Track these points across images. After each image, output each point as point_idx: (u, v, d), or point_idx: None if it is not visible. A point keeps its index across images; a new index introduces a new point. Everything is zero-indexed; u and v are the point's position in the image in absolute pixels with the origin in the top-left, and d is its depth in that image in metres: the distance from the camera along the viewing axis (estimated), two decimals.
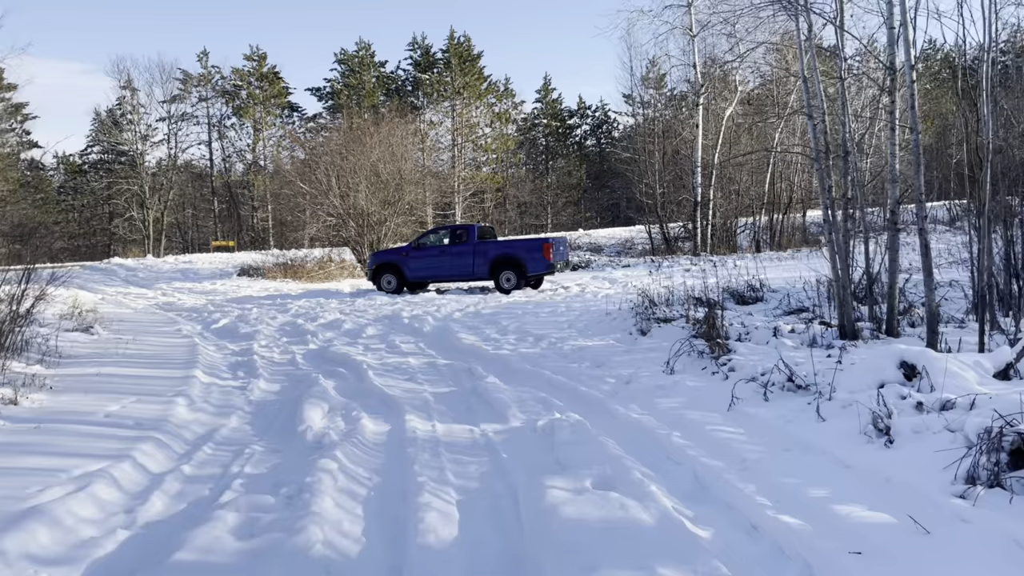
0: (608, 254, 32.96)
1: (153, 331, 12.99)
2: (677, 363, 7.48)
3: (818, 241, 31.06)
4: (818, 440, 4.87)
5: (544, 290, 18.73)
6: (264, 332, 12.72)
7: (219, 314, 15.97)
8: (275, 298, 19.29)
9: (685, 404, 6.23)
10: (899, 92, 7.99)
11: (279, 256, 30.24)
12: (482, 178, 51.48)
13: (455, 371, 8.80)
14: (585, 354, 8.87)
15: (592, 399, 6.84)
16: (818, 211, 43.83)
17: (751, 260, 23.43)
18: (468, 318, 13.20)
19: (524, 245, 18.85)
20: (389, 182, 26.69)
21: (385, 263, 19.59)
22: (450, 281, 19.64)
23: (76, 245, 56.59)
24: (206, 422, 6.64)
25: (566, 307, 13.80)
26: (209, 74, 55.56)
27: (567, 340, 9.92)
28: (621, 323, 10.50)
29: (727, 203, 29.50)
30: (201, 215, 61.45)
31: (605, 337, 9.84)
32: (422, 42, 58.21)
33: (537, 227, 60.53)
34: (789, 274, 15.50)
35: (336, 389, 7.87)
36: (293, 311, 15.85)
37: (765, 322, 9.43)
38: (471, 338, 10.90)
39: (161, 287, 25.41)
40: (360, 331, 12.36)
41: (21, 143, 53.14)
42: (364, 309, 15.59)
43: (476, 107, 54.36)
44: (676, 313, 10.31)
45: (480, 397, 7.31)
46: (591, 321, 11.35)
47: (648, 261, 26.22)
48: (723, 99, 31.81)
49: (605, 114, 69.25)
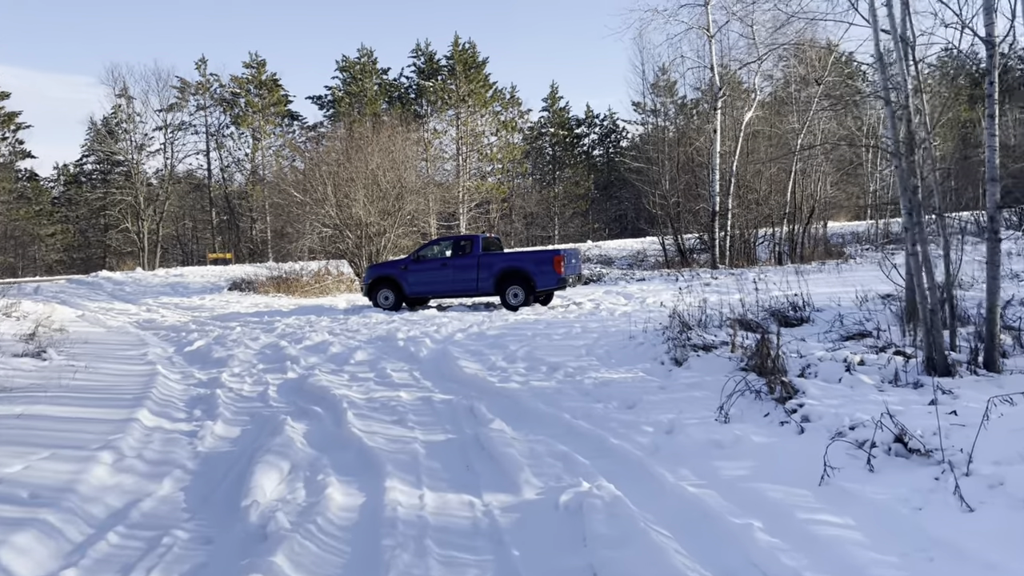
0: (619, 266, 31.45)
1: (115, 355, 11.50)
2: (732, 407, 5.94)
3: (842, 253, 29.51)
4: (973, 545, 3.34)
5: (554, 306, 17.22)
6: (240, 357, 11.23)
7: (197, 334, 14.52)
8: (263, 315, 17.81)
9: (756, 471, 4.70)
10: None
11: (274, 269, 28.82)
12: (487, 188, 50.08)
13: (454, 410, 7.29)
14: (611, 390, 7.33)
15: (627, 456, 5.32)
16: (839, 222, 42.34)
17: (775, 273, 21.92)
18: (471, 340, 11.69)
19: (533, 258, 17.33)
20: (389, 191, 25.23)
21: (382, 277, 18.09)
22: (452, 297, 18.13)
23: (71, 257, 55.37)
24: (129, 489, 5.14)
25: (581, 327, 12.27)
26: (207, 82, 54.38)
27: (587, 371, 8.38)
28: (649, 349, 8.96)
29: (746, 213, 27.97)
30: (200, 227, 60.21)
31: (632, 367, 8.30)
32: (426, 49, 57.00)
33: (544, 238, 59.07)
34: (827, 289, 13.97)
35: (306, 437, 6.37)
36: (279, 330, 14.37)
37: (824, 349, 7.90)
38: (474, 366, 9.39)
39: (147, 302, 24.00)
40: (348, 356, 10.86)
41: (14, 152, 51.90)
42: (357, 328, 14.10)
43: (481, 115, 53.03)
44: (715, 338, 8.78)
45: (483, 450, 5.80)
46: (613, 346, 9.82)
47: (664, 274, 24.70)
48: (737, 107, 30.35)
49: (614, 123, 67.93)
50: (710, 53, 26.45)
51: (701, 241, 30.53)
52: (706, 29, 26.40)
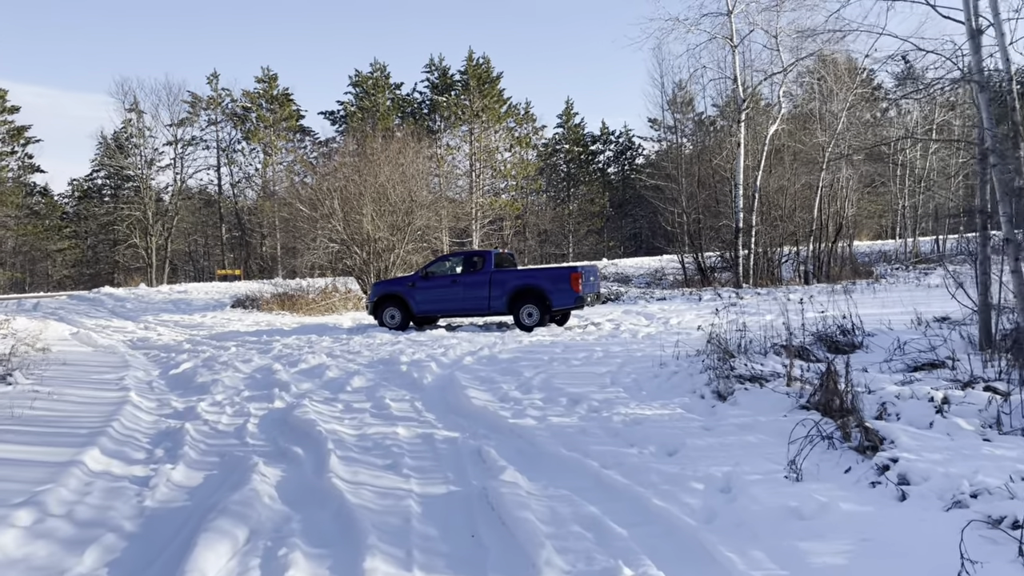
0: (637, 285, 30.28)
1: (89, 380, 10.44)
2: (804, 459, 4.77)
3: (870, 273, 28.23)
4: None
5: (571, 327, 16.08)
6: (226, 382, 10.14)
7: (187, 355, 13.46)
8: (263, 334, 16.76)
9: (857, 559, 3.52)
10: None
11: (279, 286, 27.86)
12: (501, 204, 49.08)
13: (458, 453, 6.15)
14: (645, 430, 6.17)
15: (676, 526, 4.16)
16: (862, 241, 40.95)
17: (804, 293, 20.70)
18: (481, 365, 10.56)
19: (548, 275, 16.20)
20: (398, 205, 24.21)
21: (388, 295, 17.00)
22: (462, 316, 17.02)
23: (80, 273, 54.73)
24: (39, 565, 4.03)
25: (603, 351, 11.11)
26: (219, 97, 53.81)
27: (614, 405, 7.22)
28: (685, 380, 7.80)
29: (770, 230, 26.74)
30: (211, 243, 59.55)
31: (667, 401, 7.14)
32: (440, 63, 56.26)
33: (558, 256, 57.99)
34: (870, 311, 12.75)
35: (278, 488, 5.26)
36: (275, 351, 13.29)
37: (893, 383, 6.71)
38: (483, 396, 8.25)
39: (147, 319, 22.99)
40: (345, 382, 9.76)
41: (23, 167, 51.38)
42: (358, 350, 13.00)
43: (495, 131, 52.13)
44: (761, 367, 7.60)
45: (493, 511, 4.65)
46: (641, 374, 8.65)
47: (685, 294, 23.51)
48: (759, 121, 29.24)
49: (629, 140, 66.96)
50: (734, 64, 25.36)
51: (723, 259, 29.33)
52: (730, 39, 25.35)
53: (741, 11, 25.30)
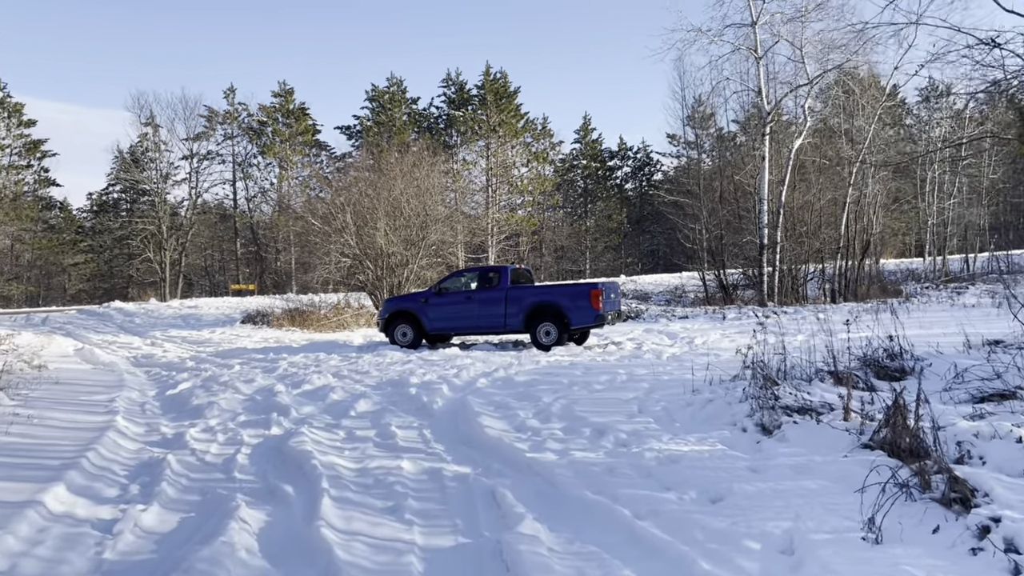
0: (657, 302, 29.45)
1: (77, 401, 9.79)
2: (881, 513, 3.99)
3: (899, 291, 27.26)
4: None
5: (591, 346, 15.32)
6: (223, 404, 9.46)
7: (188, 373, 12.84)
8: (270, 351, 16.11)
9: None
10: None
11: (291, 301, 27.27)
12: (517, 220, 48.45)
13: (469, 493, 5.41)
14: (683, 471, 5.40)
15: None
16: (886, 259, 39.94)
17: (834, 312, 19.81)
18: (496, 388, 9.82)
19: (567, 292, 15.46)
20: (413, 219, 23.59)
21: (400, 311, 16.31)
22: (477, 334, 16.29)
23: (95, 287, 54.55)
24: None
25: (627, 374, 10.34)
26: (236, 111, 53.67)
27: (645, 438, 6.46)
28: (723, 409, 7.02)
29: (796, 247, 25.87)
30: (227, 258, 59.30)
31: (705, 435, 6.36)
32: (456, 78, 55.92)
33: (575, 272, 57.24)
34: (911, 332, 11.91)
35: (258, 539, 4.54)
36: (280, 371, 12.61)
37: (961, 416, 5.90)
38: (498, 425, 7.52)
39: (154, 335, 22.43)
40: (350, 406, 9.05)
41: (39, 181, 51.34)
42: (367, 370, 12.30)
43: (512, 146, 51.60)
44: (808, 395, 6.81)
45: (508, 572, 3.90)
46: (672, 401, 7.88)
47: (708, 312, 22.66)
48: (780, 136, 28.45)
49: (647, 156, 66.30)
50: (758, 75, 24.62)
51: (746, 276, 28.48)
52: (754, 50, 24.62)
53: (765, 22, 24.62)
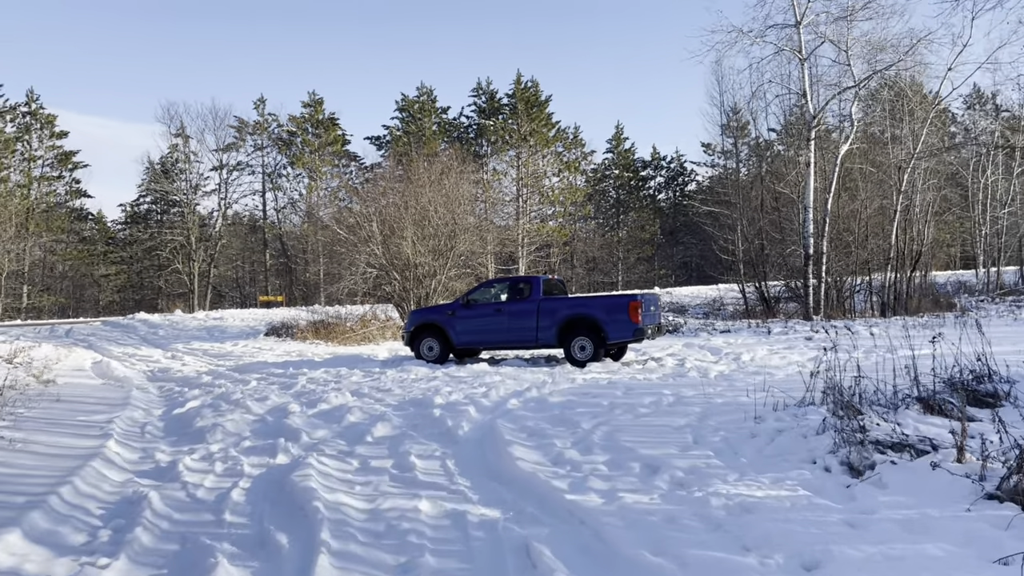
0: (694, 315, 28.29)
1: (73, 422, 9.01)
2: None
3: (952, 305, 25.84)
4: None
5: (628, 362, 14.32)
6: (229, 427, 8.63)
7: (200, 390, 12.08)
8: (290, 366, 15.33)
9: None
10: None
11: (316, 313, 26.56)
12: (548, 231, 47.50)
13: (498, 548, 4.46)
14: (763, 525, 4.39)
15: None
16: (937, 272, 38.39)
17: (887, 327, 18.58)
18: (528, 410, 8.86)
19: (603, 304, 14.46)
20: (441, 228, 22.76)
21: (426, 324, 15.42)
22: (507, 348, 15.35)
23: (125, 298, 54.55)
24: None
25: (673, 395, 9.32)
26: (265, 122, 53.46)
27: (707, 477, 5.45)
28: (797, 443, 5.98)
29: (843, 258, 24.59)
30: (257, 269, 59.12)
31: (781, 476, 5.34)
32: (487, 87, 55.25)
33: (607, 284, 56.13)
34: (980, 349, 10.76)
35: None
36: (297, 388, 11.77)
37: None
38: (532, 457, 6.56)
39: (176, 348, 21.79)
40: (367, 429, 8.15)
41: (70, 192, 51.47)
42: (389, 387, 11.41)
43: (543, 155, 50.73)
44: (897, 425, 5.76)
45: None
46: (732, 430, 6.85)
47: (751, 326, 21.50)
48: (823, 144, 27.21)
49: (681, 165, 65.08)
50: (803, 78, 23.47)
51: (788, 288, 27.22)
52: (798, 51, 23.50)
53: (810, 22, 23.51)
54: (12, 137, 46.98)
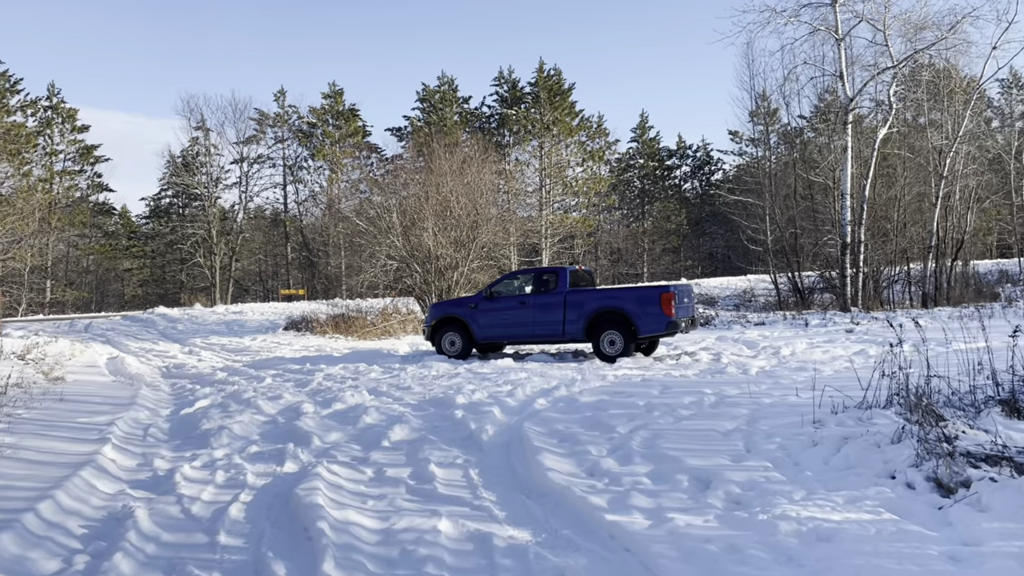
0: (724, 307, 27.44)
1: (73, 423, 8.46)
2: None
3: (996, 295, 24.79)
4: None
5: (660, 357, 13.60)
6: (236, 430, 8.04)
7: (212, 388, 11.56)
8: (307, 361, 14.79)
9: None
10: None
11: (336, 307, 26.03)
12: (572, 221, 46.68)
13: None
14: (846, 560, 3.67)
15: None
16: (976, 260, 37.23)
17: (931, 318, 17.71)
18: (558, 411, 8.18)
19: (634, 296, 13.74)
20: (462, 219, 22.11)
21: (447, 318, 14.79)
22: (532, 343, 14.68)
23: (148, 292, 54.54)
24: None
25: (715, 394, 8.60)
26: (286, 114, 53.06)
27: (767, 493, 4.74)
28: (869, 452, 5.24)
29: (882, 246, 23.62)
30: (279, 262, 58.92)
31: (855, 492, 4.61)
32: (509, 76, 54.39)
33: (632, 276, 55.24)
34: None
35: None
36: (313, 385, 11.19)
37: None
38: (564, 466, 5.89)
39: (194, 342, 21.38)
40: (383, 433, 7.52)
41: (92, 186, 51.41)
42: (408, 384, 10.80)
43: (566, 145, 49.87)
44: (987, 432, 5.02)
45: None
46: (787, 436, 6.12)
47: (787, 318, 20.65)
48: (859, 128, 26.17)
49: (707, 154, 63.89)
50: (839, 58, 22.49)
51: (823, 279, 26.27)
52: (834, 31, 22.52)
53: (846, 0, 22.50)
54: (34, 131, 46.95)
